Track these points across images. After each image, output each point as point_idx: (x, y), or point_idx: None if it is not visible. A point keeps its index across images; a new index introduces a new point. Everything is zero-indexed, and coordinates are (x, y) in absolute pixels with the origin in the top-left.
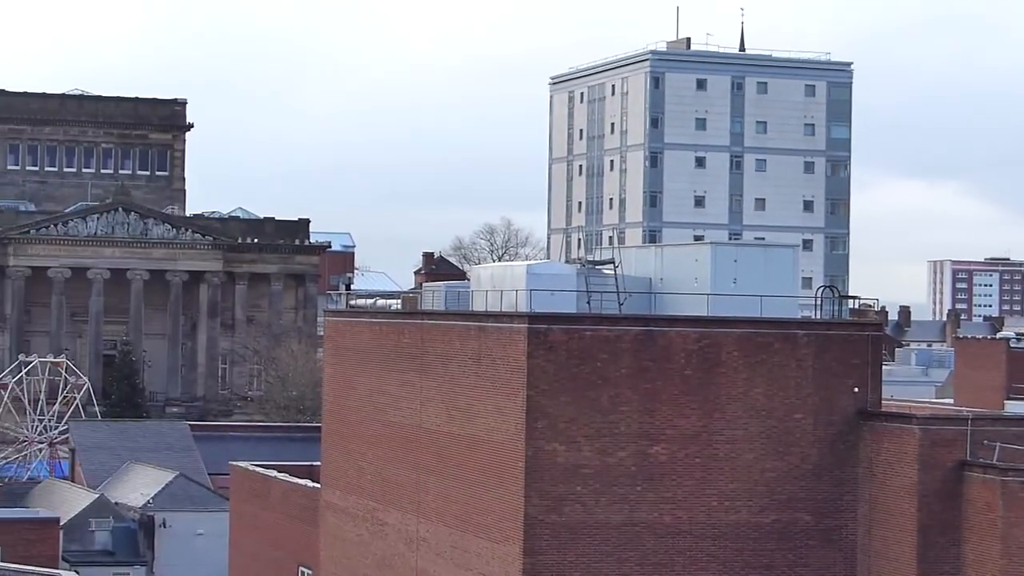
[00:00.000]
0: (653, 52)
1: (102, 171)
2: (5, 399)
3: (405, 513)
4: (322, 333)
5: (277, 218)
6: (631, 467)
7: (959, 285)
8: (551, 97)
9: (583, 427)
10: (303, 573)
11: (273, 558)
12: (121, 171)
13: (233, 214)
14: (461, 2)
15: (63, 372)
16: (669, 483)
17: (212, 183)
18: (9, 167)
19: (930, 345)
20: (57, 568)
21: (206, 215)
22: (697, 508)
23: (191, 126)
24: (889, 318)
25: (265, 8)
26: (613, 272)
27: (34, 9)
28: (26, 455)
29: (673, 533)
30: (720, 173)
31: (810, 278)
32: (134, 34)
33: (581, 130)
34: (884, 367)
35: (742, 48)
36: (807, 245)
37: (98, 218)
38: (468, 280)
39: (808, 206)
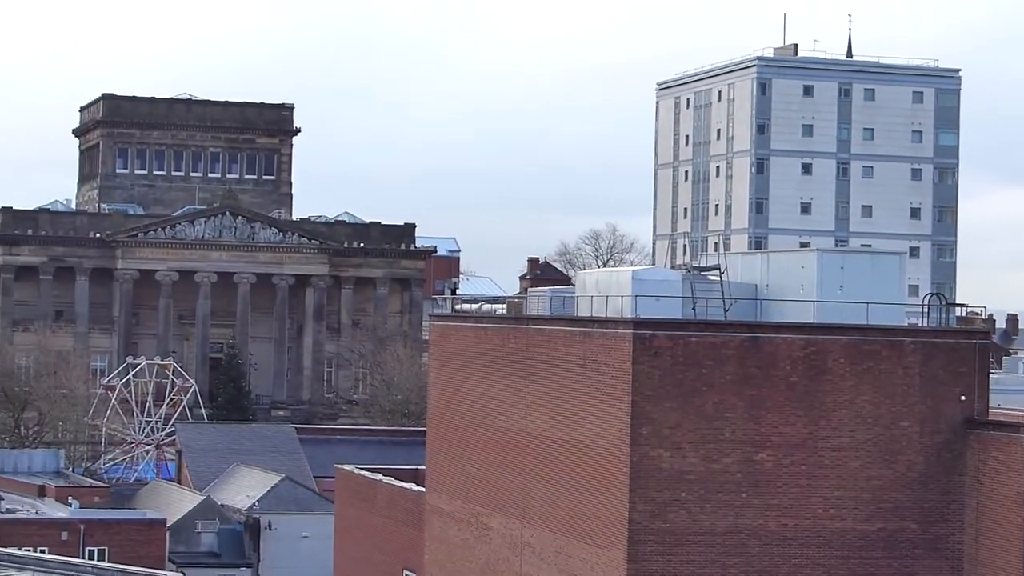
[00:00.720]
0: (760, 58)
1: (210, 175)
2: (113, 401)
3: (510, 518)
4: (427, 337)
5: (383, 222)
6: (736, 474)
7: None
8: (657, 103)
9: (688, 433)
10: None
11: (378, 561)
12: (228, 175)
13: (339, 218)
14: (568, 7)
15: (170, 374)
16: (774, 490)
17: (318, 187)
18: (118, 171)
19: None
20: (163, 569)
21: (312, 219)
22: (803, 515)
23: (298, 130)
24: (996, 326)
25: (373, 13)
26: (719, 278)
27: (142, 14)
28: (133, 457)
29: (778, 540)
30: (826, 180)
31: (917, 285)
32: (242, 39)
33: (687, 136)
34: (991, 375)
35: (849, 54)
36: (914, 252)
37: (205, 222)
38: (573, 285)
39: (915, 213)
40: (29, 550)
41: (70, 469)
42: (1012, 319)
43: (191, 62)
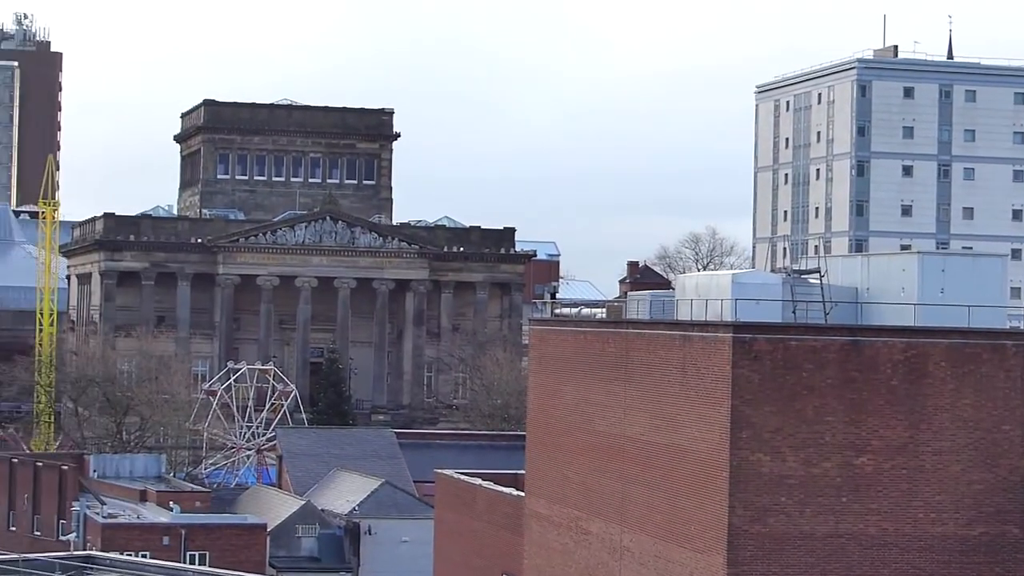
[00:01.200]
0: (860, 60)
1: (310, 180)
2: (214, 406)
3: (609, 522)
4: (527, 342)
5: (483, 227)
6: (836, 478)
7: None
8: (757, 106)
9: (788, 437)
10: None
11: (477, 566)
12: (329, 180)
13: (439, 223)
14: (668, 11)
15: (271, 379)
16: (875, 494)
17: (418, 192)
18: (219, 176)
19: None
20: (263, 574)
21: (412, 224)
22: (903, 520)
23: (398, 135)
24: None
25: (471, 18)
26: (819, 281)
27: (243, 20)
28: (234, 461)
29: (879, 545)
30: (927, 182)
31: (1019, 288)
32: (342, 44)
33: (787, 139)
34: None
35: (950, 56)
36: (1016, 255)
37: (306, 227)
38: (673, 289)
39: (1017, 215)
40: (131, 554)
41: (171, 474)
42: None
43: (291, 68)
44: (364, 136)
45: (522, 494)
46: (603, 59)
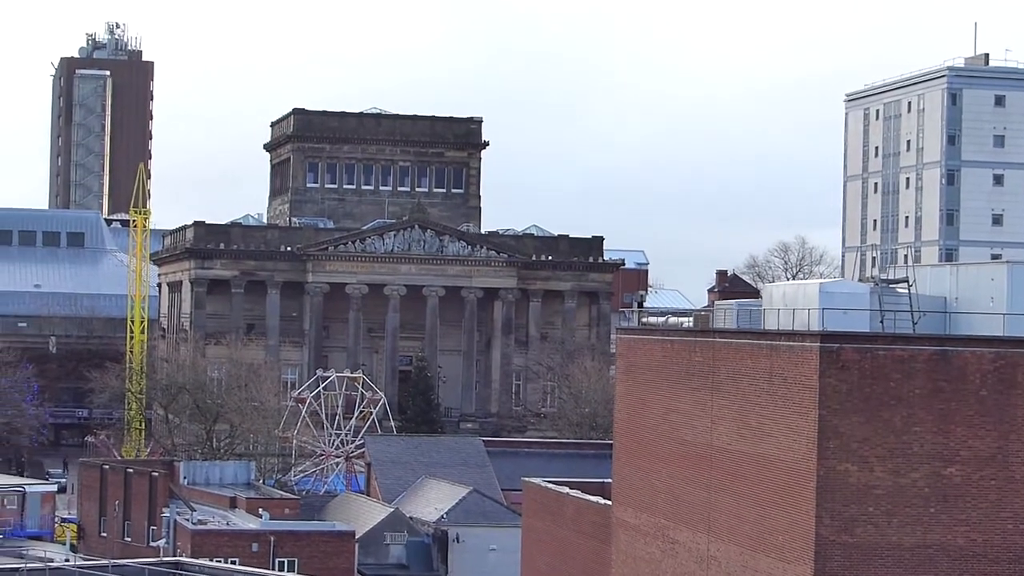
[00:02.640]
0: (950, 68)
1: (399, 189)
2: (303, 413)
3: (696, 531)
4: (615, 350)
5: (571, 235)
6: (924, 488)
7: None
8: (846, 114)
9: (876, 447)
10: None
11: (565, 574)
12: (417, 188)
13: (527, 231)
14: (756, 21)
15: (360, 387)
16: (963, 505)
17: (506, 200)
18: (308, 185)
19: None
20: None
21: (500, 232)
22: (992, 531)
23: (486, 144)
24: None
25: (559, 26)
26: (907, 291)
27: (332, 29)
28: (323, 469)
29: (967, 556)
30: (1019, 191)
31: None
32: (430, 53)
33: (876, 147)
34: None
35: None
36: None
37: (395, 235)
38: (761, 298)
39: None
40: (220, 561)
41: (261, 481)
42: None
43: (380, 76)
44: (452, 145)
45: (609, 503)
46: (692, 68)
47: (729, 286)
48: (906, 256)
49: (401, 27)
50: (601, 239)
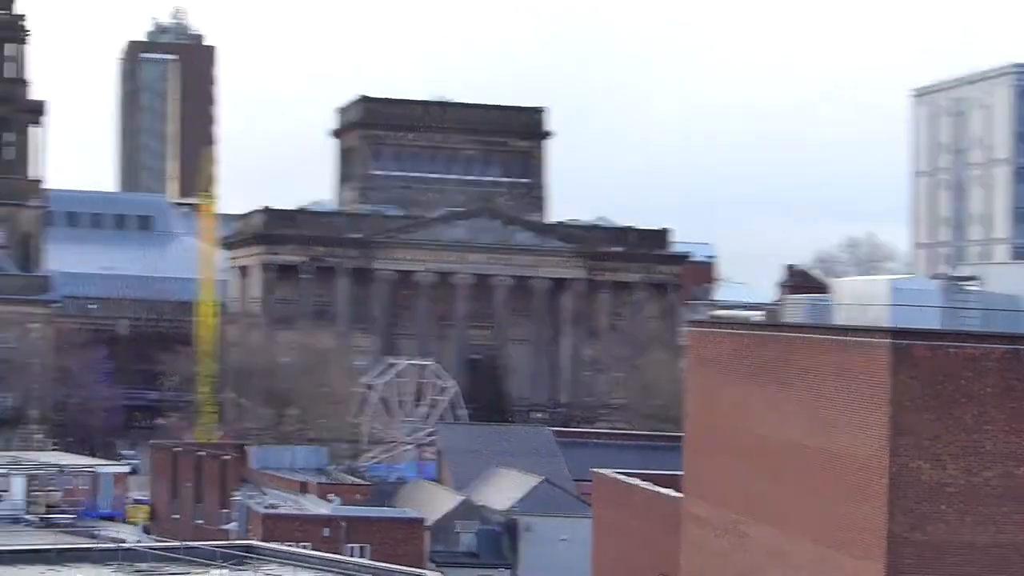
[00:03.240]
0: (1018, 64)
1: (466, 177)
2: (374, 400)
3: (767, 526)
4: (684, 343)
5: (639, 227)
6: (997, 487)
7: None
8: (915, 110)
9: (948, 445)
10: None
11: (634, 566)
12: (484, 177)
13: (595, 222)
14: (828, 14)
15: (431, 375)
16: None
17: (571, 190)
18: (376, 172)
19: None
20: (423, 568)
21: (568, 223)
22: None
23: (550, 134)
24: None
25: (624, 16)
26: (978, 288)
27: (399, 18)
28: (394, 456)
29: None
30: None
31: None
32: (496, 41)
33: (945, 143)
34: None
35: None
36: None
37: (463, 223)
38: (830, 294)
39: None
40: (292, 545)
41: (332, 467)
42: None
43: (446, 65)
44: (517, 134)
45: (680, 495)
46: (761, 57)
47: (798, 281)
48: (977, 253)
49: (467, 15)
50: (669, 231)
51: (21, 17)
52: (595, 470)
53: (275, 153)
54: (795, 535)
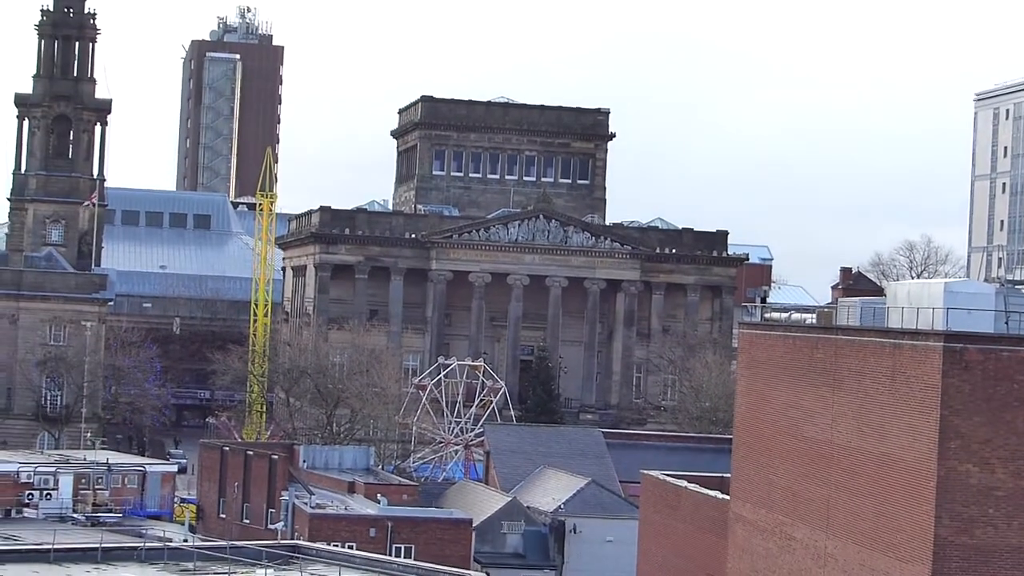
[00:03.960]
0: None
1: (524, 178)
2: (424, 400)
3: (814, 529)
4: (737, 345)
5: (695, 229)
6: None
7: None
8: (976, 113)
9: (998, 449)
10: None
11: (681, 568)
12: (543, 179)
13: (651, 224)
14: (889, 16)
15: (481, 376)
16: None
17: (632, 192)
18: (434, 172)
19: None
20: (468, 568)
21: (625, 224)
22: None
23: (613, 136)
24: None
25: (688, 18)
26: None
27: (461, 18)
28: (442, 456)
29: None
30: None
31: None
32: (559, 42)
33: (1006, 147)
34: None
35: None
36: None
37: (519, 224)
38: (885, 296)
39: None
40: (338, 545)
41: (380, 467)
42: None
43: (508, 66)
44: (579, 135)
45: (727, 497)
46: (819, 59)
47: (853, 284)
48: None
49: (530, 16)
50: (726, 233)
51: (92, 16)
52: (643, 471)
53: (336, 153)
54: (842, 538)
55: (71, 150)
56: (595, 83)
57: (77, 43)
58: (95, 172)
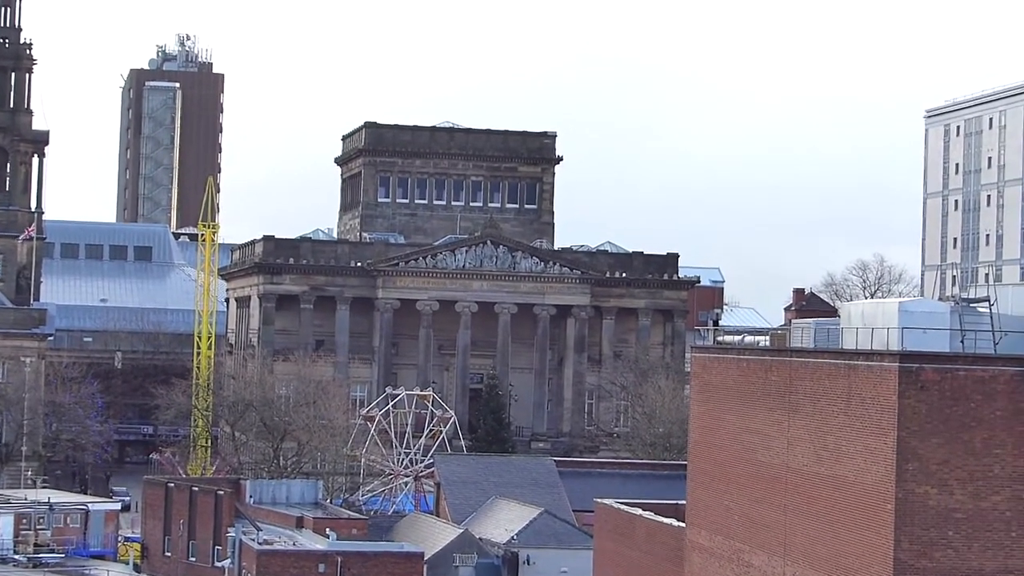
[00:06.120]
0: None
1: (471, 204)
2: (372, 432)
3: (771, 555)
4: (690, 369)
5: (645, 252)
6: (1006, 512)
7: None
8: (926, 130)
9: (955, 470)
10: None
11: None
12: (490, 204)
13: (601, 248)
14: (836, 34)
15: (430, 405)
16: None
17: (580, 216)
18: (380, 199)
19: None
20: None
21: (574, 249)
22: None
23: (560, 159)
24: None
25: (633, 41)
26: (988, 310)
27: (405, 42)
28: (392, 488)
29: None
30: None
31: None
32: (503, 67)
33: (957, 164)
34: None
35: None
36: None
37: (467, 251)
38: (839, 317)
39: None
40: None
41: (328, 500)
42: None
43: (453, 90)
44: (526, 160)
45: (683, 525)
46: (767, 80)
47: (806, 305)
48: (987, 275)
49: (474, 40)
50: (676, 256)
51: (28, 46)
52: (597, 500)
53: (280, 182)
54: (801, 564)
55: (8, 183)
56: (541, 106)
57: (13, 74)
58: (33, 204)
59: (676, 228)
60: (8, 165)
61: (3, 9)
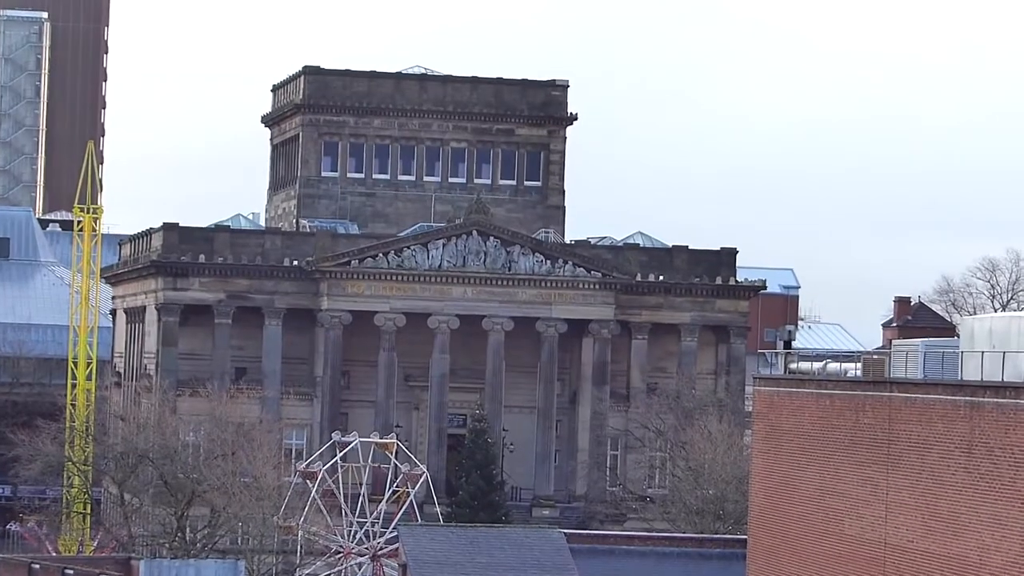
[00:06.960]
0: None
1: (450, 180)
2: (313, 494)
3: None
4: (752, 409)
5: (690, 247)
6: None
7: None
8: None
9: None
10: None
11: None
12: (476, 180)
13: (630, 240)
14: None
15: (393, 457)
16: None
17: (601, 198)
18: (324, 173)
19: None
20: None
21: (592, 242)
22: None
23: (575, 118)
24: None
25: None
26: None
27: None
28: (341, 571)
29: None
30: None
31: None
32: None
33: None
34: None
35: None
36: None
37: (445, 245)
38: (957, 336)
39: None
40: None
41: None
42: None
43: (425, 28)
44: (527, 119)
45: None
46: (858, 29)
47: (913, 319)
48: None
49: None
50: (734, 252)
51: None
52: None
53: (187, 151)
54: None
55: None
56: (547, 48)
57: None
58: None
59: (732, 216)
60: None
61: None
